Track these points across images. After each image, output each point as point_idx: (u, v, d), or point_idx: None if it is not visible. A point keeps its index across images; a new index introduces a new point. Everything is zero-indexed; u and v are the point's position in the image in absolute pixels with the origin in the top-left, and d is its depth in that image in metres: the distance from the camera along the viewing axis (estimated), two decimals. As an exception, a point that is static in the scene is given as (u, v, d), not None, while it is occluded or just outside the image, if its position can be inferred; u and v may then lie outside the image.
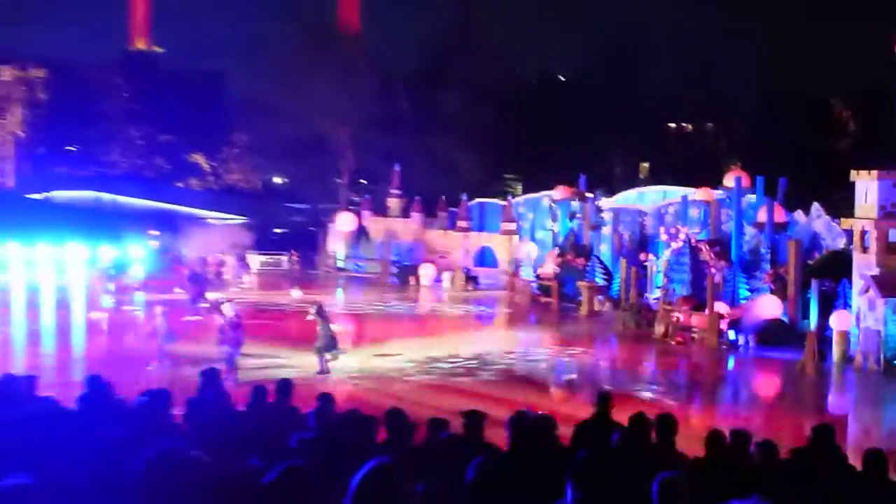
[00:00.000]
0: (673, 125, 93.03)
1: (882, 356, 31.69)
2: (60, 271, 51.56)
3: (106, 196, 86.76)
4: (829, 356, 32.59)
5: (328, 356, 28.70)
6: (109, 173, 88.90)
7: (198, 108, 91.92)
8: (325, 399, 12.87)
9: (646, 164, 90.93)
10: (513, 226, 52.90)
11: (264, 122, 73.24)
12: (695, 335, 36.76)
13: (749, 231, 40.04)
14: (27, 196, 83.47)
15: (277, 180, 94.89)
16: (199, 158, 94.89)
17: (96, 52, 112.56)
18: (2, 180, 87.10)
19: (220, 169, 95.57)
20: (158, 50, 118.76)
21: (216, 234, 61.25)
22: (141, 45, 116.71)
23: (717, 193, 41.92)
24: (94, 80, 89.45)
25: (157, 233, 58.47)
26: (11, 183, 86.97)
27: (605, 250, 47.25)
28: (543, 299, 46.36)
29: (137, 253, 53.26)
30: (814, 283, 34.67)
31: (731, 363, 34.54)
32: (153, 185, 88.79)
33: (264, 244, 62.43)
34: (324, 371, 28.18)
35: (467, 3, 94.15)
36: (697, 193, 42.46)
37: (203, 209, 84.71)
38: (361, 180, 78.19)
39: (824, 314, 33.68)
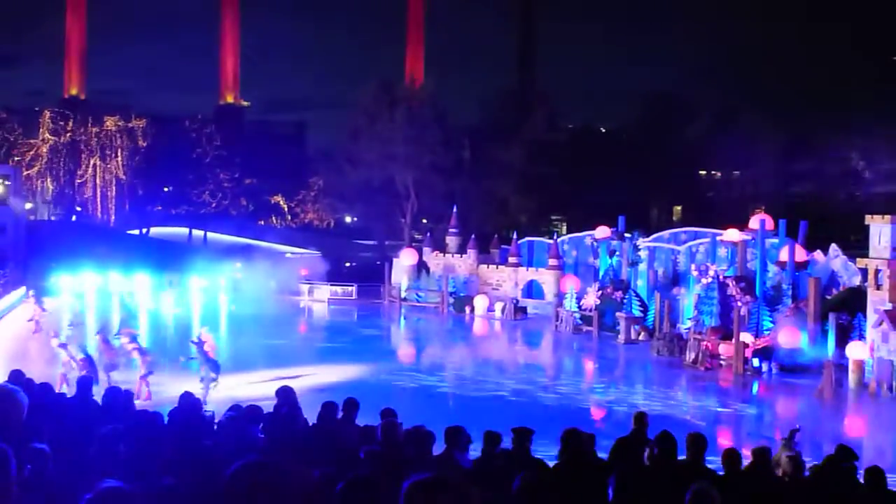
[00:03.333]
0: (703, 173, 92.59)
1: (894, 383, 31.32)
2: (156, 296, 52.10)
3: (197, 232, 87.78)
4: (844, 383, 32.29)
5: (211, 385, 27.00)
6: (200, 212, 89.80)
7: (279, 155, 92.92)
8: (390, 415, 12.82)
9: (679, 208, 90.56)
10: (558, 262, 52.81)
11: (338, 168, 73.83)
12: (722, 362, 36.51)
13: (772, 269, 39.66)
14: (127, 232, 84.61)
15: (348, 219, 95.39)
16: (279, 199, 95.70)
17: (190, 105, 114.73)
18: (105, 218, 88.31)
19: (297, 208, 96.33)
20: (245, 103, 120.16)
21: (293, 266, 61.66)
22: (230, 99, 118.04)
23: (744, 235, 41.52)
24: (188, 130, 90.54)
25: (240, 264, 58.92)
26: (113, 220, 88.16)
27: (641, 285, 47.07)
28: (585, 328, 46.15)
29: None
30: (831, 317, 34.39)
31: (755, 388, 34.19)
32: (238, 222, 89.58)
33: (336, 276, 62.65)
34: (205, 401, 23.69)
35: (522, 63, 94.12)
36: (725, 234, 42.10)
37: (282, 244, 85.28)
38: (423, 220, 78.35)
39: (841, 345, 33.42)
